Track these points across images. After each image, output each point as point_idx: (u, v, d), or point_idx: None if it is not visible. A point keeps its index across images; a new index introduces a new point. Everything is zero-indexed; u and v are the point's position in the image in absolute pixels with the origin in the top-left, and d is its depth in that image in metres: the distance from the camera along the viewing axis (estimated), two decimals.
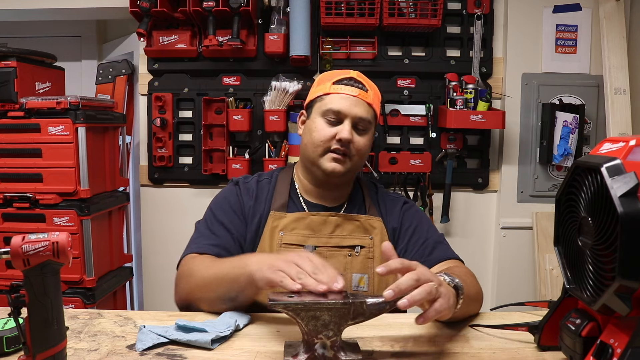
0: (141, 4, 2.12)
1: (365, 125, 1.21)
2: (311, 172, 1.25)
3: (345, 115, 1.18)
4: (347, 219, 1.25)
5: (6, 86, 2.00)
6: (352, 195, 1.30)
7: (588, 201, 0.74)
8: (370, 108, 1.22)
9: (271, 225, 1.22)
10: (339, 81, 1.22)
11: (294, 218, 1.23)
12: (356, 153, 1.20)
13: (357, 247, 1.22)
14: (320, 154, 1.20)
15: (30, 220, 2.01)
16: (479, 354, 0.89)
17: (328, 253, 1.21)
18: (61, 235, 0.74)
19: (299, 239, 1.22)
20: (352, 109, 1.19)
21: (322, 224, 1.23)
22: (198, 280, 1.06)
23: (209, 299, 1.05)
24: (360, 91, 1.20)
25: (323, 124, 1.20)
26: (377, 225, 1.25)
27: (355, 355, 0.84)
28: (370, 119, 1.22)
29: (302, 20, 2.16)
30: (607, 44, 2.19)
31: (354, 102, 1.19)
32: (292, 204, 1.27)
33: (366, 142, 1.21)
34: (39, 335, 0.74)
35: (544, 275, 2.25)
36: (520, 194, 2.34)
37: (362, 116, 1.19)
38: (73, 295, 2.02)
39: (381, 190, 1.35)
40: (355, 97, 1.20)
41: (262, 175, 1.33)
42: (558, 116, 2.23)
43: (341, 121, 1.19)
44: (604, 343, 0.72)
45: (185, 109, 2.39)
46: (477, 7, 2.27)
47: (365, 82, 1.24)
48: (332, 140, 1.18)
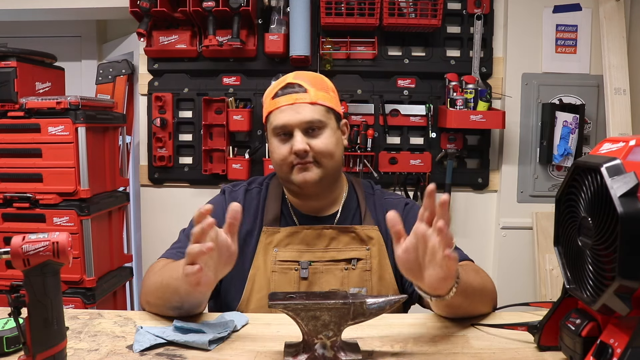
0: (141, 4, 2.12)
1: (318, 126, 1.15)
2: (289, 189, 1.22)
3: (291, 126, 1.13)
4: (342, 231, 1.20)
5: (6, 86, 2.00)
6: (346, 201, 1.26)
7: (588, 201, 0.74)
8: (316, 106, 1.15)
9: (265, 242, 1.19)
10: (275, 95, 1.17)
11: (288, 233, 1.19)
12: (321, 156, 1.14)
13: (353, 260, 1.18)
14: (286, 171, 1.16)
15: (30, 220, 2.01)
16: (479, 354, 0.89)
17: (324, 268, 1.18)
18: (61, 236, 0.74)
19: (293, 255, 1.18)
20: (294, 118, 1.13)
21: (316, 238, 1.19)
22: (149, 286, 1.04)
23: (157, 305, 1.03)
24: (297, 95, 1.14)
25: (277, 144, 1.16)
26: (374, 235, 1.21)
27: (355, 355, 0.84)
28: (320, 117, 1.15)
29: (302, 20, 2.16)
30: (607, 44, 2.19)
31: (295, 110, 1.14)
32: (284, 216, 1.23)
33: (326, 141, 1.15)
34: (39, 335, 0.74)
35: (544, 275, 2.25)
36: (520, 194, 2.34)
37: (308, 120, 1.13)
38: (73, 295, 2.02)
39: (378, 193, 1.29)
40: (293, 104, 1.14)
41: (253, 183, 1.29)
42: (558, 116, 2.23)
43: (291, 134, 1.14)
44: (604, 343, 0.72)
45: (185, 109, 2.39)
46: (477, 7, 2.27)
47: (304, 80, 1.17)
48: (290, 155, 1.14)
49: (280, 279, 1.17)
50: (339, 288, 1.14)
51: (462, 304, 0.96)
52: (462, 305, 0.97)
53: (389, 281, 1.19)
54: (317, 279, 1.17)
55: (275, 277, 1.17)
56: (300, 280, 1.17)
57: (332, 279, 1.17)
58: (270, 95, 1.18)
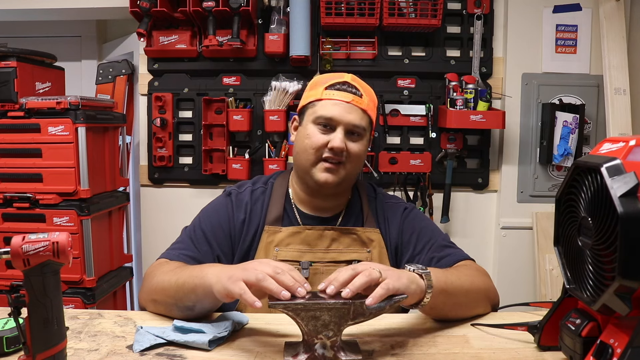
0: (141, 4, 2.12)
1: (359, 132, 1.16)
2: (304, 181, 1.21)
3: (338, 122, 1.13)
4: (344, 232, 1.21)
5: (6, 86, 2.00)
6: (350, 203, 1.26)
7: (588, 201, 0.74)
8: (365, 114, 1.17)
9: (266, 241, 1.19)
10: (332, 86, 1.16)
11: (289, 233, 1.20)
12: (350, 161, 1.15)
13: (354, 262, 1.19)
14: (312, 162, 1.15)
15: (30, 220, 2.01)
16: (479, 354, 0.89)
17: (324, 269, 1.18)
18: (61, 235, 0.74)
19: (294, 255, 1.18)
20: (345, 116, 1.13)
21: (317, 239, 1.20)
22: (158, 284, 1.03)
23: (166, 304, 1.02)
24: (354, 97, 1.15)
25: (315, 131, 1.15)
26: (375, 238, 1.22)
27: (355, 355, 0.84)
28: (365, 125, 1.16)
29: (302, 20, 2.16)
30: (607, 44, 2.19)
31: (347, 109, 1.14)
32: (287, 216, 1.23)
33: (361, 149, 1.16)
34: (39, 335, 0.74)
35: (544, 275, 2.25)
36: (520, 194, 2.34)
37: (355, 123, 1.14)
38: (73, 295, 2.02)
39: (380, 197, 1.30)
40: (348, 103, 1.14)
41: (257, 182, 1.29)
42: (558, 116, 2.23)
43: (334, 128, 1.14)
44: (604, 343, 0.72)
45: (185, 109, 2.38)
46: (477, 7, 2.27)
47: (361, 86, 1.18)
48: (324, 148, 1.13)
49: None
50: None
51: (446, 304, 0.97)
52: (446, 306, 0.98)
53: None
54: (317, 280, 1.17)
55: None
56: None
57: None
58: (323, 84, 1.18)
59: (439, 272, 0.96)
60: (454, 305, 0.99)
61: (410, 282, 0.88)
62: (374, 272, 0.84)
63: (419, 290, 0.88)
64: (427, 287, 0.89)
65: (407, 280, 0.87)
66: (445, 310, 0.99)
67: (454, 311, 1.01)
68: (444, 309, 0.98)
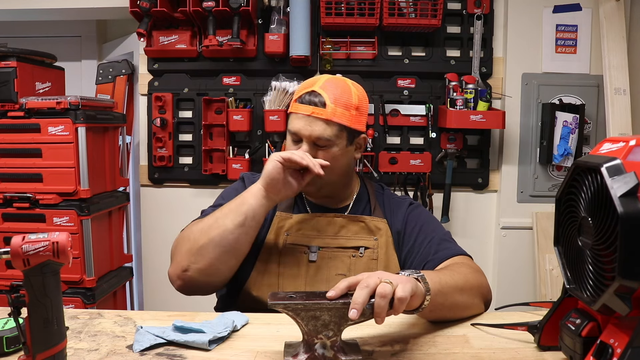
0: (141, 4, 2.12)
1: (324, 143, 1.15)
2: None
3: (302, 136, 1.16)
4: (352, 220, 1.25)
5: (6, 86, 2.00)
6: (358, 196, 1.31)
7: (588, 201, 0.74)
8: (329, 124, 1.14)
9: (277, 226, 1.23)
10: (300, 97, 1.17)
11: (300, 219, 1.24)
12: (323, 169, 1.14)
13: (361, 248, 1.22)
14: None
15: (30, 220, 2.01)
16: (479, 354, 0.89)
17: (332, 254, 1.21)
18: (61, 235, 0.74)
19: (303, 240, 1.22)
20: (305, 129, 1.14)
21: (327, 225, 1.24)
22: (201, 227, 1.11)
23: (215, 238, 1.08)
24: (314, 109, 1.14)
25: (290, 144, 1.20)
26: (382, 227, 1.25)
27: (355, 355, 0.84)
28: (330, 135, 1.14)
29: (302, 20, 2.16)
30: (607, 44, 2.19)
31: (308, 122, 1.14)
32: (297, 205, 1.28)
33: (327, 157, 1.15)
34: (39, 335, 0.74)
35: (544, 275, 2.25)
36: (520, 194, 2.34)
37: (317, 135, 1.14)
38: (73, 295, 2.02)
39: (387, 192, 1.35)
40: (308, 116, 1.14)
41: None
42: (558, 116, 2.23)
43: (302, 141, 1.17)
44: (604, 343, 0.72)
45: (185, 109, 2.38)
46: (477, 7, 2.27)
47: (329, 92, 1.15)
48: None
49: (290, 261, 1.20)
50: (346, 274, 1.19)
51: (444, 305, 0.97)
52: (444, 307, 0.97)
53: (394, 271, 1.19)
54: (325, 264, 1.21)
55: (285, 259, 1.20)
56: (309, 263, 1.20)
57: (340, 264, 1.21)
58: (297, 95, 1.20)
59: (432, 274, 0.96)
60: (451, 305, 1.00)
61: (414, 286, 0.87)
62: (387, 286, 0.81)
63: (420, 293, 0.88)
64: (426, 290, 0.90)
65: (410, 284, 0.87)
66: (444, 311, 1.00)
67: (451, 312, 1.02)
68: (442, 310, 0.98)
